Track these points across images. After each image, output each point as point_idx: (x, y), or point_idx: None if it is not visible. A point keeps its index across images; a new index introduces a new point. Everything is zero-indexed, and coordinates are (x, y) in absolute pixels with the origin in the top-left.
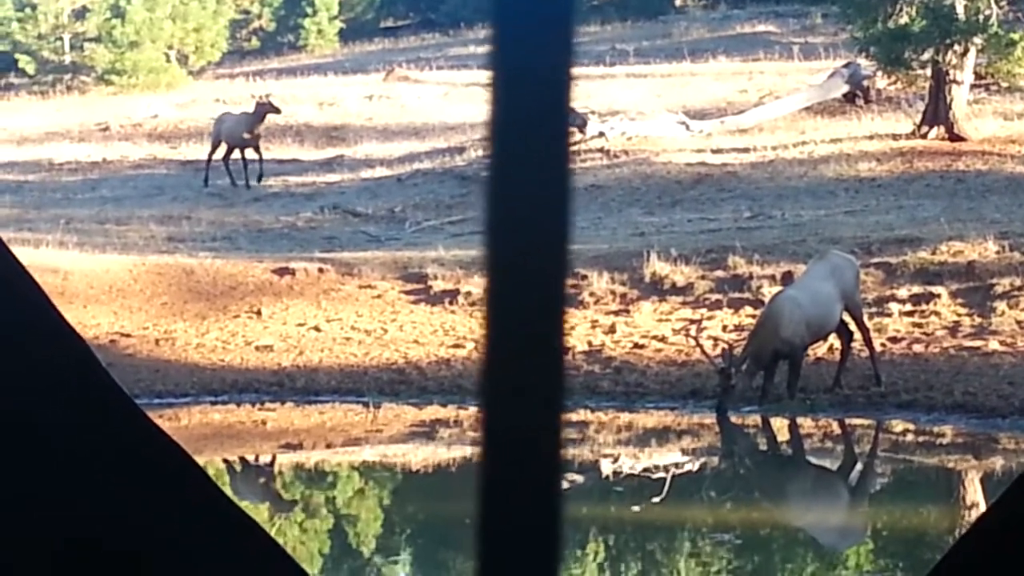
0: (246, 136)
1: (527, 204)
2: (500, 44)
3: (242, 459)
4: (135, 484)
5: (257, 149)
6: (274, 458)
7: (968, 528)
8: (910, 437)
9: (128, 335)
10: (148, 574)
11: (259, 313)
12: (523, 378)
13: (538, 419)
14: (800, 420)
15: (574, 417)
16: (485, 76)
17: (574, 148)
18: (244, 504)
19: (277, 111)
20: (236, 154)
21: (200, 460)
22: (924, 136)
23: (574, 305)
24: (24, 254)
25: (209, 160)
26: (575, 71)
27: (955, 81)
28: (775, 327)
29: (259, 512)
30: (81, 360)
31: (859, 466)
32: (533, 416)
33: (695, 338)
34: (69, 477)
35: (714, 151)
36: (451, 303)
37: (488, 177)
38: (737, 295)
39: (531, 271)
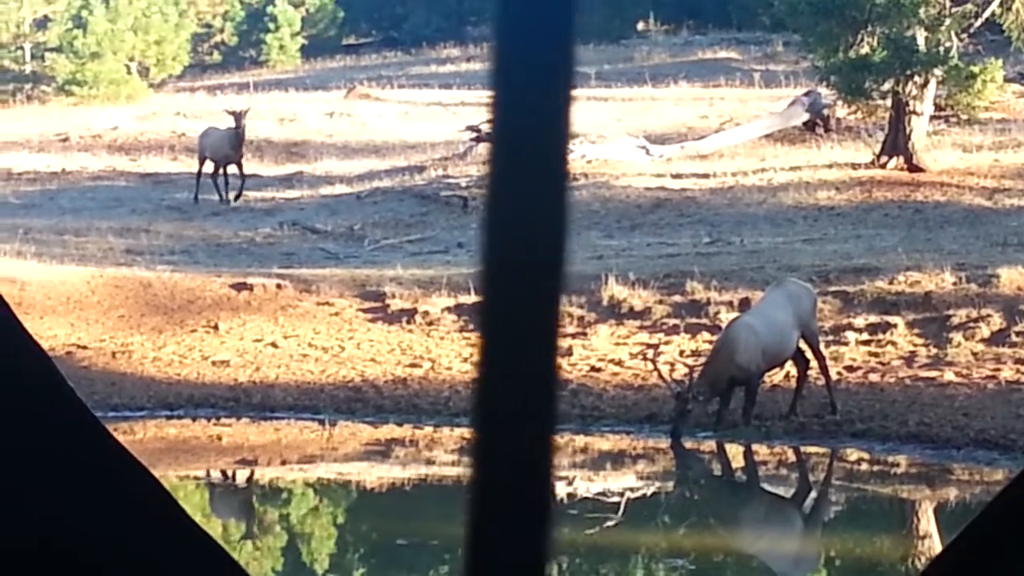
0: (231, 152)
1: (525, 224)
2: (501, 63)
3: (205, 474)
4: (94, 497)
5: (240, 166)
6: (233, 474)
7: (926, 567)
8: (864, 466)
9: (84, 347)
10: None
11: (216, 328)
12: (516, 399)
13: (531, 440)
14: (755, 447)
15: None
16: (447, 96)
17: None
18: (198, 519)
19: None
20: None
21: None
22: (883, 166)
23: None
24: None
25: (199, 176)
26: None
27: (915, 112)
28: (731, 353)
29: (213, 527)
30: (43, 372)
31: (813, 494)
32: (526, 437)
33: (653, 361)
34: (28, 489)
35: (674, 176)
36: (408, 322)
37: (487, 197)
38: (694, 320)
39: (527, 291)
